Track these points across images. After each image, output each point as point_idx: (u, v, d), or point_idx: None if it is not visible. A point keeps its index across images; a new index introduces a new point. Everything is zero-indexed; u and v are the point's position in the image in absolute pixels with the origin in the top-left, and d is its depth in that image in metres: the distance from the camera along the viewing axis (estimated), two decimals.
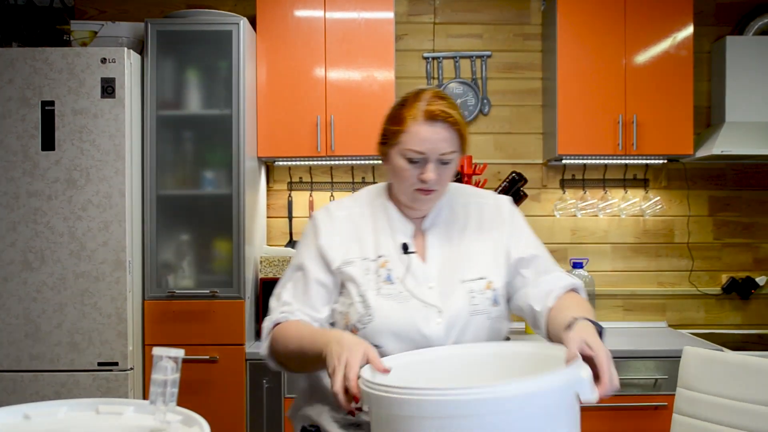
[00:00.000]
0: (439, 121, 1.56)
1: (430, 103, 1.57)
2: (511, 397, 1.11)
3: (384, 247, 1.64)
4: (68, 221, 3.03)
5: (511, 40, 3.90)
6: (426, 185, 1.58)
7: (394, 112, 1.63)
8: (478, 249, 1.69)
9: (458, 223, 1.71)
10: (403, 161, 1.58)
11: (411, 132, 1.56)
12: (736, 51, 3.66)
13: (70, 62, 3.04)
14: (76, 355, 3.03)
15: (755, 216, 3.91)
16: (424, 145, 1.56)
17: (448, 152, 1.58)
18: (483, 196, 1.79)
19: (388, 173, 1.67)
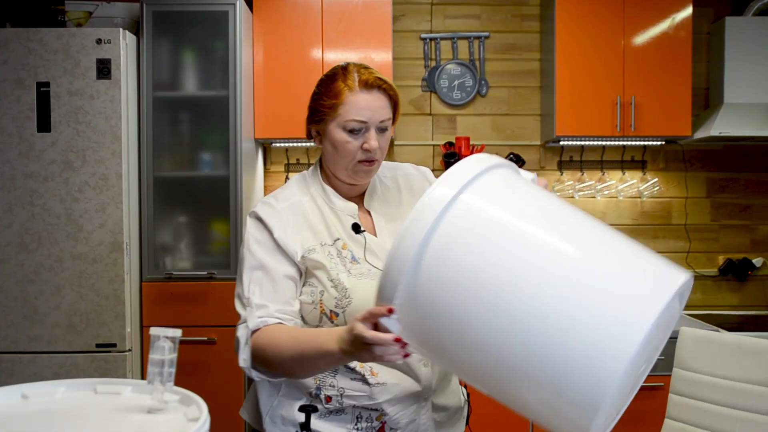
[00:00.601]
0: (375, 88, 1.59)
1: (363, 73, 1.60)
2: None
3: (336, 231, 1.63)
4: (65, 203, 3.03)
5: (509, 20, 3.87)
6: (370, 154, 1.59)
7: (324, 87, 1.63)
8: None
9: (393, 195, 1.74)
10: (344, 134, 1.59)
11: (349, 102, 1.57)
12: (735, 32, 3.65)
13: (65, 43, 3.02)
14: (74, 337, 3.03)
15: (752, 198, 3.91)
16: (365, 114, 1.57)
17: (386, 119, 1.61)
18: (404, 168, 1.83)
19: (325, 151, 1.65)
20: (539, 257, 1.07)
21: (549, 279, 1.05)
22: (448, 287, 1.08)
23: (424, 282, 1.10)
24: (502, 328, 1.04)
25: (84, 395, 1.19)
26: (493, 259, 1.07)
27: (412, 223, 1.11)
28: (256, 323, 1.56)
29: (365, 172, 1.63)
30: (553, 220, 1.15)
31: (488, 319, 1.05)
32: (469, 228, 1.10)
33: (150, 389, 1.12)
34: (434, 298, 1.10)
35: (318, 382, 1.58)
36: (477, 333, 1.07)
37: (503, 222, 1.12)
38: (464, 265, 1.08)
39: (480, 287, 1.06)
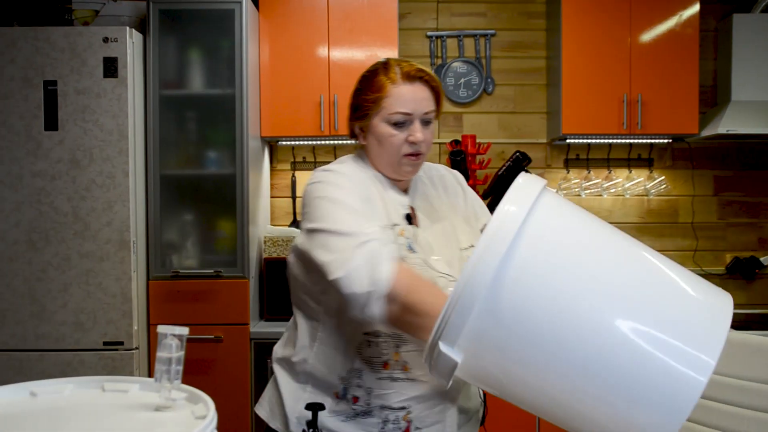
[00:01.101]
0: (418, 80, 1.59)
1: (404, 66, 1.60)
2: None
3: (394, 216, 1.61)
4: (72, 201, 3.04)
5: (515, 18, 3.87)
6: (415, 147, 1.59)
7: (366, 82, 1.63)
8: (456, 219, 1.73)
9: (433, 194, 1.74)
10: (388, 127, 1.58)
11: (393, 95, 1.57)
12: (742, 29, 3.63)
13: (72, 42, 3.03)
14: (82, 335, 3.05)
15: (760, 196, 3.90)
16: (409, 105, 1.57)
17: (430, 111, 1.60)
18: (437, 168, 1.82)
19: (371, 147, 1.64)
20: (614, 290, 1.08)
21: (629, 305, 1.06)
22: (527, 312, 1.06)
23: (500, 309, 1.07)
24: (581, 357, 1.05)
25: (92, 393, 1.19)
26: (571, 291, 1.06)
27: (484, 249, 1.06)
28: (390, 250, 1.38)
29: (411, 165, 1.62)
30: (615, 246, 1.16)
31: (568, 347, 1.05)
32: (544, 257, 1.08)
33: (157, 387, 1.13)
34: (510, 326, 1.07)
35: (344, 382, 1.57)
36: (554, 362, 1.06)
37: (577, 248, 1.12)
38: (543, 294, 1.06)
39: (558, 316, 1.06)
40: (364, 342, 1.55)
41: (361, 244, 1.36)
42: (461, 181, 1.82)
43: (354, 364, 1.56)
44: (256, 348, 3.22)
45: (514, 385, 1.14)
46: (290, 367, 1.67)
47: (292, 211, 3.83)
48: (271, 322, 3.37)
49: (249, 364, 3.21)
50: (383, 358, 1.55)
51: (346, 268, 1.35)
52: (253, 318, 3.29)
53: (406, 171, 1.63)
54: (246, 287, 3.22)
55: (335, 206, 1.47)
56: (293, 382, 1.65)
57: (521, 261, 1.07)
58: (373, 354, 1.55)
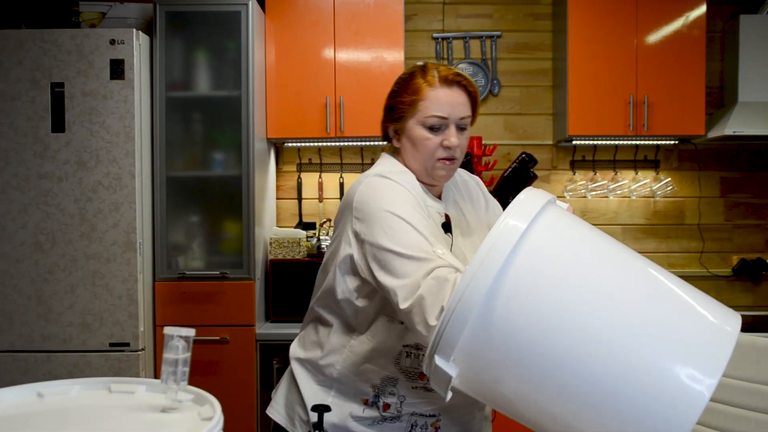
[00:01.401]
0: (456, 84, 1.57)
1: (442, 70, 1.58)
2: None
3: (434, 225, 1.58)
4: (79, 203, 3.05)
5: (521, 19, 3.86)
6: (450, 152, 1.57)
7: (403, 84, 1.61)
8: (481, 225, 1.71)
9: (459, 201, 1.72)
10: (424, 130, 1.57)
11: (430, 98, 1.55)
12: (749, 30, 3.62)
13: (79, 44, 3.04)
14: (88, 336, 3.05)
15: (767, 197, 3.88)
16: (445, 109, 1.55)
17: (466, 116, 1.58)
18: (460, 173, 1.80)
19: (405, 150, 1.61)
20: (612, 308, 1.06)
21: (627, 324, 1.04)
22: (521, 329, 1.05)
23: (494, 325, 1.06)
24: (575, 376, 1.04)
25: (98, 394, 1.19)
26: (566, 309, 1.05)
27: (479, 264, 1.05)
28: (457, 275, 1.29)
29: (445, 170, 1.60)
30: (615, 262, 1.15)
31: (562, 366, 1.04)
32: (539, 274, 1.07)
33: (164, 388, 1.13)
34: (504, 342, 1.06)
35: (377, 390, 1.56)
36: (549, 380, 1.05)
37: (578, 260, 1.11)
38: (536, 311, 1.05)
39: (558, 328, 1.04)
40: (403, 353, 1.54)
41: (430, 271, 1.31)
42: (482, 187, 1.81)
43: (390, 372, 1.55)
44: (261, 349, 3.22)
45: (512, 402, 1.13)
46: (315, 369, 1.64)
47: (297, 212, 3.83)
48: (277, 324, 3.37)
49: (255, 366, 3.22)
50: (420, 369, 1.54)
51: (414, 297, 1.29)
52: (258, 319, 3.29)
53: (440, 176, 1.60)
54: (252, 289, 3.23)
55: (404, 224, 1.41)
56: (315, 385, 1.63)
57: (516, 277, 1.06)
58: (412, 365, 1.54)
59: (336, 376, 1.60)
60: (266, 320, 3.44)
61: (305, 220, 3.81)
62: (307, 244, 3.51)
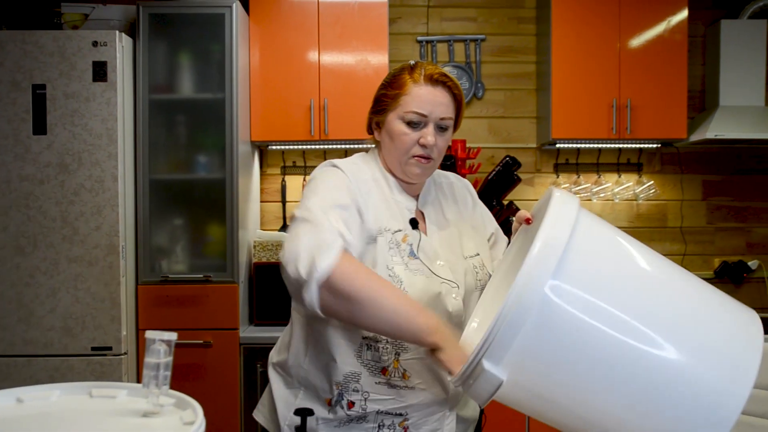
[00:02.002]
0: (440, 84, 1.58)
1: (429, 69, 1.59)
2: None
3: (399, 221, 1.60)
4: (60, 206, 3.02)
5: (506, 23, 3.88)
6: (425, 151, 1.57)
7: (391, 78, 1.63)
8: (464, 226, 1.73)
9: (442, 201, 1.73)
10: (403, 125, 1.58)
11: (413, 94, 1.57)
12: (730, 35, 3.66)
13: (61, 45, 3.01)
14: (70, 340, 3.03)
15: (748, 200, 3.92)
16: (426, 107, 1.56)
17: (447, 117, 1.59)
18: (447, 176, 1.82)
19: (382, 143, 1.63)
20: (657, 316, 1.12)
21: (669, 335, 1.10)
22: (572, 337, 1.07)
23: (549, 328, 1.07)
24: (625, 379, 1.08)
25: (79, 399, 1.18)
26: (618, 315, 1.09)
27: (533, 266, 1.06)
28: (341, 242, 1.37)
29: (419, 168, 1.60)
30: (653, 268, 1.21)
31: (612, 369, 1.08)
32: (590, 278, 1.10)
33: (145, 393, 1.12)
34: (556, 347, 1.08)
35: (339, 387, 1.56)
36: (598, 383, 1.09)
37: (621, 273, 1.15)
38: (589, 316, 1.08)
39: (604, 339, 1.08)
40: (363, 345, 1.54)
41: (314, 231, 1.36)
42: (470, 189, 1.82)
43: (353, 367, 1.55)
44: (245, 353, 3.21)
45: (554, 407, 1.14)
46: (285, 372, 1.66)
47: (282, 215, 3.82)
48: (261, 327, 3.36)
49: (238, 370, 3.20)
50: (382, 364, 1.54)
51: (290, 249, 1.34)
52: (242, 323, 3.28)
53: (414, 173, 1.61)
54: (235, 292, 3.21)
55: (316, 197, 1.46)
56: (285, 388, 1.65)
57: (570, 279, 1.08)
58: (373, 358, 1.54)
59: (303, 375, 1.61)
60: (250, 324, 3.43)
61: (289, 223, 3.79)
62: None
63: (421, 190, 1.70)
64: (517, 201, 3.62)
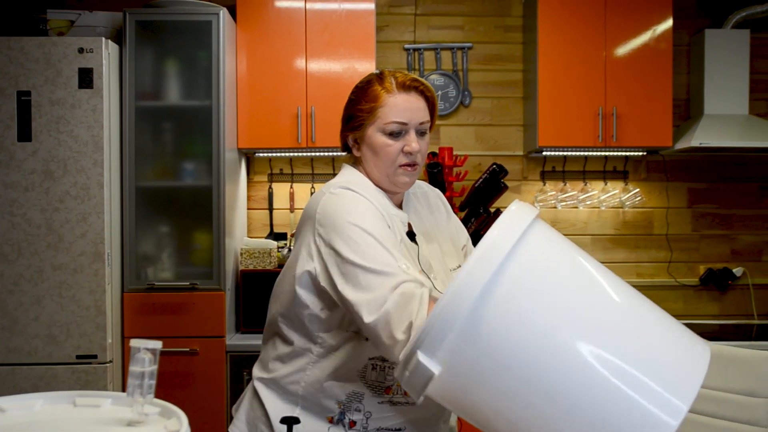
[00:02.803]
0: (413, 89, 1.57)
1: (399, 76, 1.58)
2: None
3: (398, 233, 1.57)
4: (45, 213, 3.00)
5: (492, 31, 3.90)
6: (411, 158, 1.57)
7: (361, 92, 1.61)
8: (442, 237, 1.72)
9: (421, 211, 1.72)
10: (384, 137, 1.56)
11: (388, 104, 1.55)
12: (714, 44, 3.69)
13: (46, 52, 3.00)
14: (54, 348, 3.00)
15: (733, 208, 3.95)
16: (405, 115, 1.55)
17: (425, 121, 1.59)
18: (420, 185, 1.80)
19: (365, 159, 1.61)
20: (592, 325, 1.08)
21: (603, 346, 1.06)
22: (503, 336, 1.06)
23: (481, 326, 1.06)
24: (551, 387, 1.05)
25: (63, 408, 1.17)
26: (550, 320, 1.07)
27: (476, 263, 1.06)
28: (426, 292, 1.29)
29: (407, 176, 1.59)
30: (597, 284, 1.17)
31: (539, 375, 1.05)
32: (530, 283, 1.08)
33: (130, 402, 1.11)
34: (488, 345, 1.06)
35: (342, 407, 1.54)
36: (525, 388, 1.06)
37: (562, 280, 1.13)
38: (523, 318, 1.06)
39: (534, 341, 1.06)
40: (368, 366, 1.52)
41: (396, 285, 1.30)
42: (443, 199, 1.81)
43: (356, 387, 1.53)
44: (232, 361, 3.20)
45: (482, 408, 1.13)
46: (278, 388, 1.61)
47: (269, 222, 3.82)
48: (248, 335, 3.35)
49: (225, 377, 3.19)
50: (386, 383, 1.53)
51: (380, 312, 1.28)
52: (229, 331, 3.26)
53: (403, 182, 1.60)
54: (222, 299, 3.20)
55: (369, 238, 1.39)
56: (281, 402, 1.60)
57: (509, 282, 1.07)
58: (378, 378, 1.53)
59: (301, 393, 1.57)
60: (236, 331, 3.42)
61: (276, 230, 3.80)
62: (278, 255, 3.50)
63: (401, 200, 1.68)
64: (504, 209, 3.63)
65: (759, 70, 3.87)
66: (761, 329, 3.65)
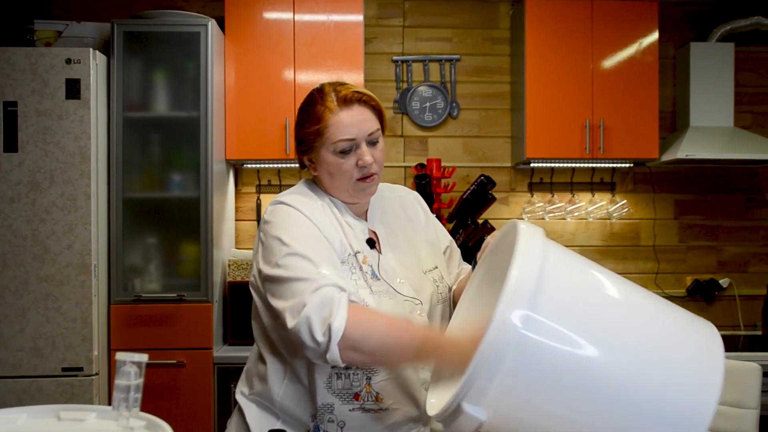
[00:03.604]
0: (355, 102, 1.55)
1: (339, 90, 1.56)
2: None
3: (355, 243, 1.58)
4: (31, 224, 2.98)
5: (480, 43, 3.92)
6: (366, 170, 1.55)
7: (305, 115, 1.59)
8: (418, 240, 1.72)
9: (392, 217, 1.72)
10: (335, 156, 1.55)
11: (333, 123, 1.53)
12: (699, 57, 3.73)
13: (33, 62, 2.99)
14: (40, 361, 2.98)
15: (719, 219, 3.97)
16: (351, 131, 1.53)
17: (374, 131, 1.57)
18: (398, 190, 1.80)
19: (323, 178, 1.60)
20: (627, 340, 1.15)
21: (639, 355, 1.14)
22: (549, 371, 1.10)
23: (523, 370, 1.09)
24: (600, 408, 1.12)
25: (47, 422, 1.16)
26: (587, 346, 1.11)
27: (505, 308, 1.08)
28: (345, 295, 1.37)
29: (367, 188, 1.58)
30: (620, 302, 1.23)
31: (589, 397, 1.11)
32: (561, 316, 1.12)
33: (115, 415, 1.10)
34: (533, 382, 1.10)
35: (315, 420, 1.54)
36: (576, 413, 1.12)
37: (589, 304, 1.17)
38: (562, 351, 1.10)
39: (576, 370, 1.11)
40: (333, 375, 1.52)
41: (315, 290, 1.36)
42: (421, 202, 1.81)
43: (325, 398, 1.53)
44: (219, 373, 3.18)
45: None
46: (259, 402, 1.62)
47: (257, 234, 3.80)
48: (235, 347, 3.33)
49: (212, 390, 3.17)
50: (354, 390, 1.53)
51: (300, 316, 1.34)
52: (216, 342, 3.25)
53: (363, 194, 1.60)
54: (209, 311, 3.19)
55: (287, 249, 1.45)
56: (264, 417, 1.61)
57: (542, 315, 1.09)
58: (344, 386, 1.53)
59: (280, 407, 1.58)
60: (224, 343, 3.40)
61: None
62: None
63: (367, 208, 1.68)
64: (492, 220, 3.64)
65: (743, 83, 3.91)
66: (747, 340, 3.67)
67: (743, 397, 2.21)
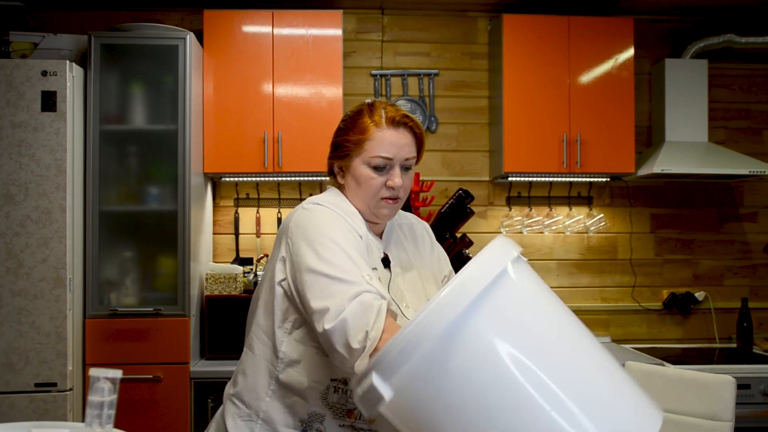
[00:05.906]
0: (402, 125, 1.59)
1: (389, 110, 1.59)
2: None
3: (374, 259, 1.59)
4: (5, 237, 2.94)
5: (458, 58, 3.94)
6: (393, 192, 1.58)
7: (350, 122, 1.62)
8: (424, 269, 1.73)
9: (403, 242, 1.74)
10: (369, 170, 1.58)
11: (377, 138, 1.57)
12: (674, 73, 3.78)
13: (8, 74, 2.96)
14: (12, 376, 2.93)
15: (694, 233, 4.02)
16: (391, 150, 1.57)
17: (411, 157, 1.60)
18: (407, 217, 1.83)
19: (348, 187, 1.63)
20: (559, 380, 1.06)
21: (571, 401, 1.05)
22: (466, 376, 1.04)
23: (445, 361, 1.04)
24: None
25: None
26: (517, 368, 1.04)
27: (447, 296, 1.04)
28: (384, 304, 1.30)
29: (388, 209, 1.61)
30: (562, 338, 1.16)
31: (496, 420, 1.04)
32: (500, 328, 1.06)
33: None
34: (448, 380, 1.05)
35: (304, 425, 1.54)
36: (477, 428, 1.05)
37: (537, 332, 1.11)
38: (490, 363, 1.04)
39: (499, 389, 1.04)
40: (331, 387, 1.52)
41: (356, 295, 1.31)
42: (430, 232, 1.83)
43: (317, 408, 1.53)
44: (196, 388, 3.15)
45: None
46: (241, 402, 1.62)
47: (234, 247, 3.79)
48: (213, 361, 3.30)
49: (189, 405, 3.14)
50: (349, 406, 1.52)
51: (338, 320, 1.28)
52: (193, 357, 3.22)
53: (383, 214, 1.62)
54: (186, 325, 3.16)
55: (334, 246, 1.41)
56: (240, 420, 1.60)
57: (479, 322, 1.05)
58: (339, 401, 1.52)
59: (264, 409, 1.57)
60: (201, 357, 3.37)
61: (242, 255, 3.77)
62: (244, 280, 3.47)
63: (383, 229, 1.70)
64: (470, 234, 3.65)
65: (716, 99, 3.97)
66: (722, 353, 3.70)
67: (718, 410, 2.23)
